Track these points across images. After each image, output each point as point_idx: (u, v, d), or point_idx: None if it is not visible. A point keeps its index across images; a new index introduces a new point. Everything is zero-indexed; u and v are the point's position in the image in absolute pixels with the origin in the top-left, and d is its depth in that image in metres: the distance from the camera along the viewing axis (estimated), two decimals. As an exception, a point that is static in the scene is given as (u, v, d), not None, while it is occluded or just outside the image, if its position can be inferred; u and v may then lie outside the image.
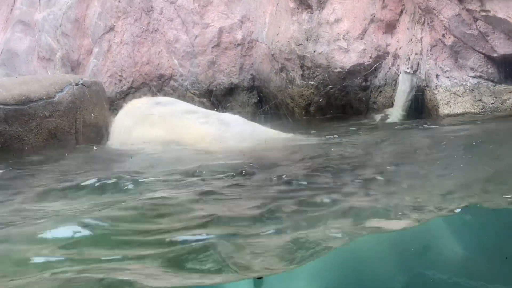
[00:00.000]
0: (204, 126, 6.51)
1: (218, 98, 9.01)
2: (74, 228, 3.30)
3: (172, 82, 9.33)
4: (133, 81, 9.55)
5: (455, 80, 6.99)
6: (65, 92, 6.62)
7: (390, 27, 7.77)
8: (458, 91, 6.96)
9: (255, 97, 8.97)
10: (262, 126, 6.79)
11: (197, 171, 4.83)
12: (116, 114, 7.73)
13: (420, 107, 7.30)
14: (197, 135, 6.40)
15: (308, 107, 8.29)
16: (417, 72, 7.33)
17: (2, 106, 6.09)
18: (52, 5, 10.64)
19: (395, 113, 7.47)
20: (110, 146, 6.62)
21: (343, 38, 7.96)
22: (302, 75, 8.30)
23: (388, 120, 7.41)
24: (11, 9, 11.72)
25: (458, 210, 3.63)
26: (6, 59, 11.43)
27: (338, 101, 8.12)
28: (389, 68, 7.78)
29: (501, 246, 3.61)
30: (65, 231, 3.28)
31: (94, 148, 6.18)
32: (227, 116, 6.77)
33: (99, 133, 6.83)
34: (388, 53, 7.81)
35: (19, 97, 6.27)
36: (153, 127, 6.70)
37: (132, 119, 6.89)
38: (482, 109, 6.78)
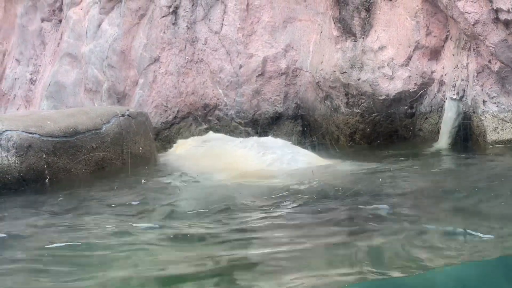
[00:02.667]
0: (244, 150, 6.54)
1: (263, 127, 9.02)
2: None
3: (217, 112, 9.37)
4: (178, 111, 9.61)
5: (503, 106, 6.91)
6: (111, 123, 6.70)
7: (435, 54, 7.72)
8: (506, 117, 6.88)
9: (300, 126, 8.97)
10: (302, 149, 6.78)
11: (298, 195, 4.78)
12: (161, 144, 7.83)
13: (467, 134, 7.22)
14: (238, 160, 6.42)
15: (353, 135, 8.26)
16: (464, 99, 7.27)
17: (50, 139, 6.18)
18: (98, 37, 10.80)
19: (442, 140, 7.40)
20: (160, 178, 6.61)
21: (387, 66, 7.94)
22: (347, 103, 8.28)
23: (435, 147, 7.35)
24: (58, 43, 11.92)
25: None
26: (54, 91, 11.60)
27: (384, 128, 8.08)
28: (435, 94, 7.73)
29: None
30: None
31: (143, 181, 6.18)
32: (267, 139, 6.79)
33: (146, 164, 6.88)
34: (433, 79, 7.75)
35: (67, 129, 6.35)
36: (201, 158, 6.76)
37: (181, 152, 6.98)
38: (531, 135, 6.70)
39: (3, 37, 13.22)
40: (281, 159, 6.35)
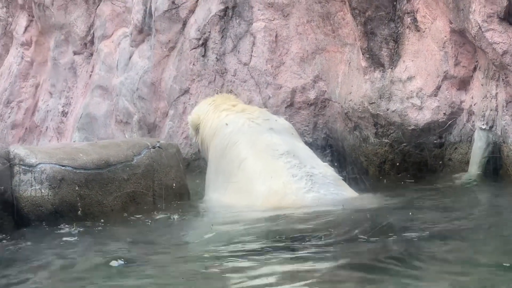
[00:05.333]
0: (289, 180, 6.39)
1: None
2: None
3: (246, 143, 9.42)
4: (207, 142, 9.67)
5: (533, 136, 6.89)
6: (142, 155, 6.76)
7: (464, 84, 7.73)
8: (536, 147, 6.86)
9: (329, 156, 8.98)
10: (347, 188, 6.64)
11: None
12: (191, 175, 7.83)
13: (497, 164, 7.20)
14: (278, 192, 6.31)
15: (383, 165, 8.26)
16: (493, 129, 7.25)
17: (83, 171, 6.25)
18: (129, 70, 10.94)
19: (472, 170, 7.37)
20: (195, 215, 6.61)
21: (416, 96, 7.95)
22: (376, 133, 8.30)
23: (465, 178, 7.32)
24: (90, 75, 12.10)
25: None
26: (85, 123, 11.75)
27: (413, 158, 8.07)
28: (464, 124, 7.72)
29: None
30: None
31: (175, 217, 6.18)
32: (319, 170, 6.60)
33: (177, 196, 6.93)
34: (462, 109, 7.75)
35: (99, 161, 6.42)
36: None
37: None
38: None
39: (36, 70, 13.44)
40: (323, 199, 6.28)
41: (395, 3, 8.15)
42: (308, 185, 6.34)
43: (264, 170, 6.56)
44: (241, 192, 6.57)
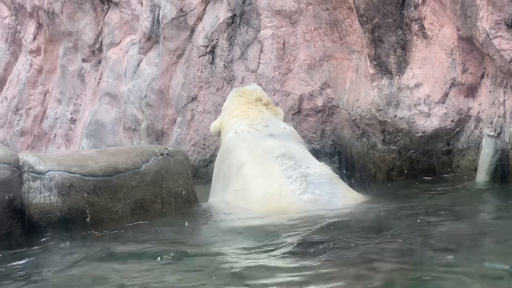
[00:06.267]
0: (284, 181, 6.41)
1: (300, 164, 9.05)
2: None
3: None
4: (215, 149, 9.70)
5: (540, 143, 6.89)
6: (151, 162, 6.77)
7: (471, 91, 7.73)
8: (543, 153, 6.85)
9: (337, 163, 8.99)
10: (345, 187, 6.67)
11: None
12: (199, 182, 7.86)
13: (504, 171, 7.19)
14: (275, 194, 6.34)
15: (390, 172, 8.27)
16: (501, 135, 7.25)
17: (91, 178, 6.27)
18: (137, 77, 10.98)
19: (480, 177, 7.36)
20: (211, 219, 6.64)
21: (424, 103, 7.96)
22: (384, 140, 8.31)
23: (473, 184, 7.31)
24: (98, 82, 12.15)
25: None
26: (93, 130, 11.79)
27: (421, 165, 8.08)
28: (472, 131, 7.72)
29: None
30: None
31: (186, 224, 6.21)
32: (315, 171, 6.60)
33: (185, 202, 6.95)
34: (470, 116, 7.76)
35: (107, 168, 6.44)
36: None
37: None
38: None
39: (45, 77, 13.50)
40: (319, 200, 6.29)
41: (402, 10, 8.17)
42: (303, 186, 6.34)
43: (261, 174, 6.62)
44: (239, 196, 6.61)
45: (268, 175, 6.53)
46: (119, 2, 11.82)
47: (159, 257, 4.77)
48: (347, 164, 8.86)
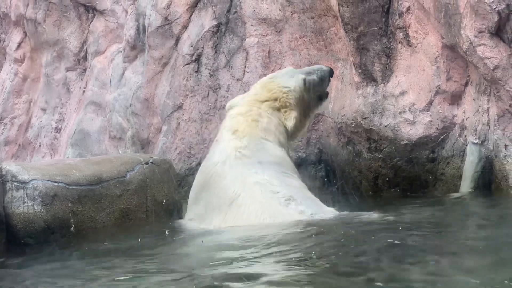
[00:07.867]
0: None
1: (286, 172, 9.04)
2: None
3: (239, 158, 9.42)
4: (201, 157, 9.68)
5: (525, 150, 6.91)
6: (135, 171, 6.77)
7: (456, 98, 7.75)
8: (528, 161, 6.87)
9: (323, 171, 9.00)
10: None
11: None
12: (185, 191, 7.82)
13: (489, 178, 7.22)
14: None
15: (376, 180, 8.28)
16: (485, 143, 7.27)
17: (76, 187, 6.26)
18: (122, 85, 10.95)
19: (465, 185, 7.39)
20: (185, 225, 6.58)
21: (408, 110, 7.98)
22: (369, 148, 8.32)
23: (458, 192, 7.33)
24: (83, 91, 12.10)
25: None
26: (78, 139, 11.74)
27: (406, 173, 8.09)
28: (456, 139, 7.74)
29: None
30: None
31: (167, 232, 6.18)
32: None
33: (169, 211, 6.93)
34: (454, 124, 7.77)
35: (92, 177, 6.43)
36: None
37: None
38: (554, 179, 6.68)
39: (29, 86, 13.43)
40: (304, 212, 6.18)
41: (387, 18, 8.19)
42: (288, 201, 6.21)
43: (266, 213, 6.19)
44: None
45: (280, 217, 6.12)
46: (104, 10, 11.79)
47: (138, 266, 4.76)
48: (333, 172, 8.86)
